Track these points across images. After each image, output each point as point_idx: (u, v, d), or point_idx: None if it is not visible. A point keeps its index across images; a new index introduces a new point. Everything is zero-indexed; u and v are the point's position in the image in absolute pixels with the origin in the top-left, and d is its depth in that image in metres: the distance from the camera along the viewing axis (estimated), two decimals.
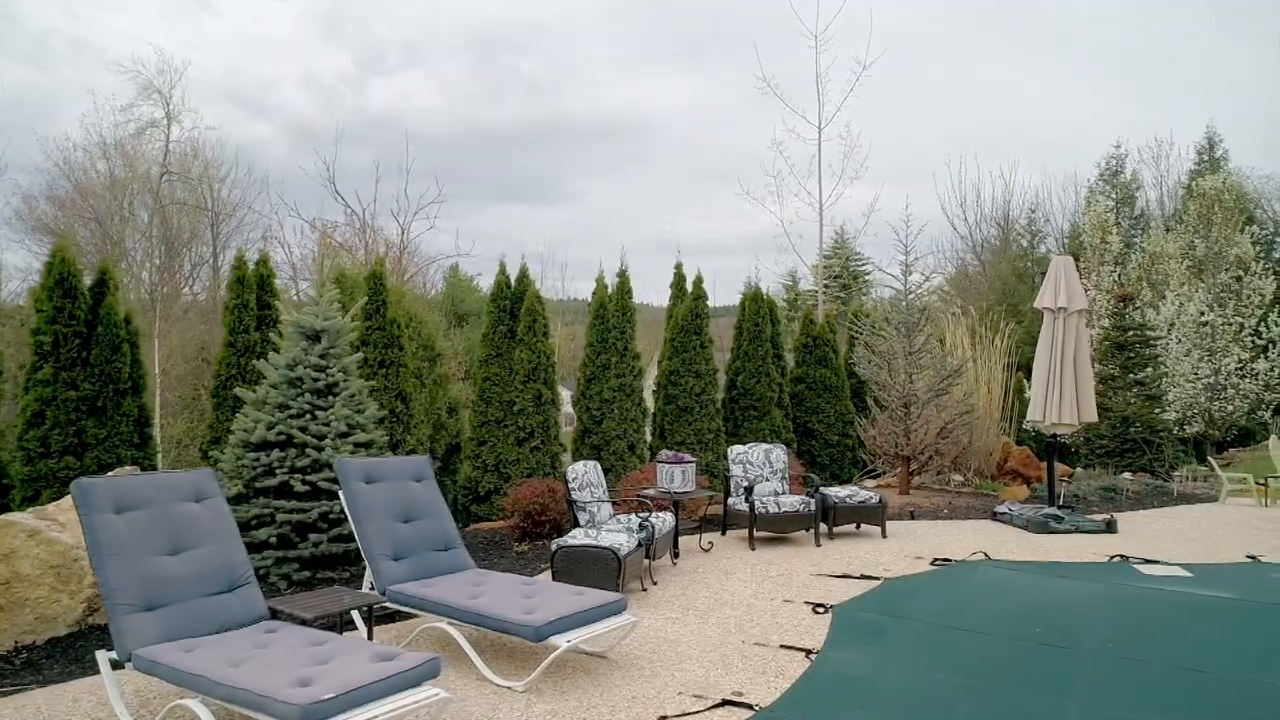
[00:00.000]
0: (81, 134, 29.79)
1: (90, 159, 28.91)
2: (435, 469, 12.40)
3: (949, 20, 57.25)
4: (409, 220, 30.39)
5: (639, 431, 12.17)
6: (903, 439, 11.12)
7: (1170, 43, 58.19)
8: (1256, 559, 7.73)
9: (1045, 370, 9.10)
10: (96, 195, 29.36)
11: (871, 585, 6.69)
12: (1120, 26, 58.60)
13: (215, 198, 33.58)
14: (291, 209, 28.88)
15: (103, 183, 30.24)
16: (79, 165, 27.76)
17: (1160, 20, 57.18)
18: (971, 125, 60.70)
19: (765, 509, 7.97)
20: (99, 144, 28.50)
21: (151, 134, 32.37)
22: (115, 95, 36.40)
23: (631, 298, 12.42)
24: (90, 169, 28.86)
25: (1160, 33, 58.01)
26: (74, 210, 28.90)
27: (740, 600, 6.23)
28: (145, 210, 30.81)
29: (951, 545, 8.26)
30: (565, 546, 6.09)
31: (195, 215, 33.21)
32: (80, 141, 27.66)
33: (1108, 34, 58.16)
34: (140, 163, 31.51)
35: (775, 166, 27.80)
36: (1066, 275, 9.12)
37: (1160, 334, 20.52)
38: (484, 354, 11.42)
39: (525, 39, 48.79)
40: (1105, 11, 58.92)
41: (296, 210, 29.07)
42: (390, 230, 31.01)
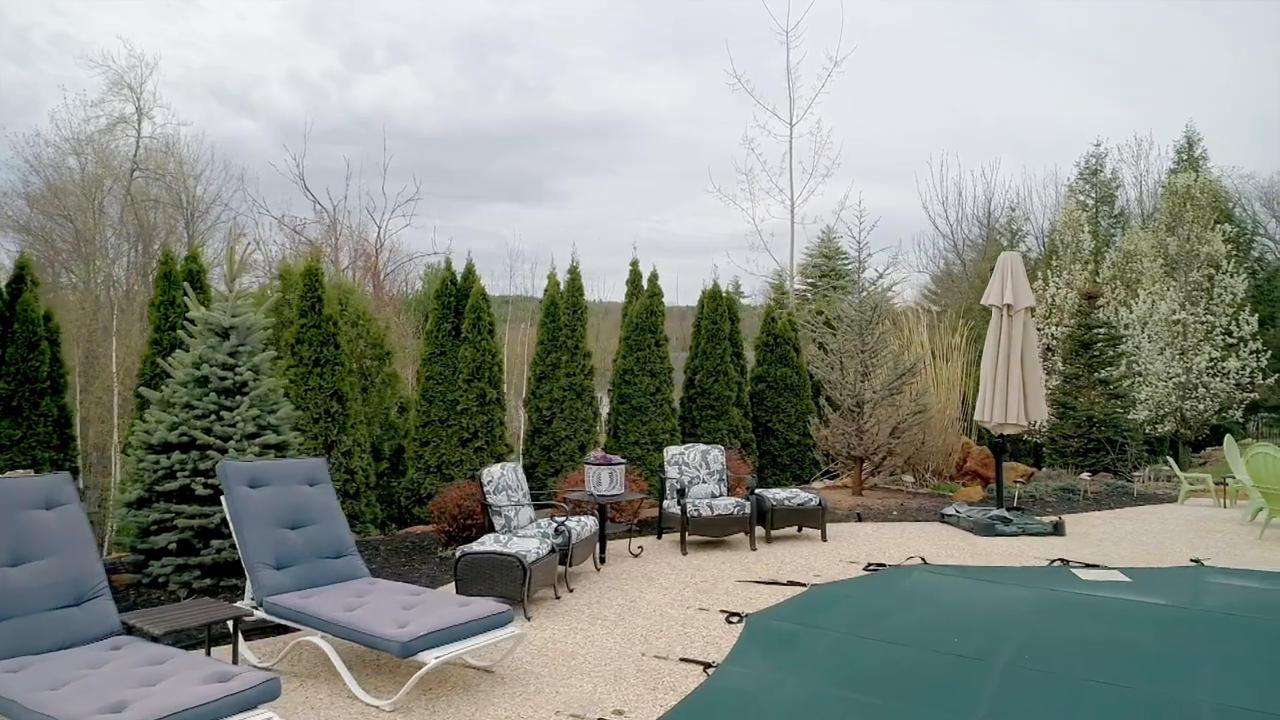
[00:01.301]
0: (52, 129, 29.29)
1: (60, 155, 28.45)
2: (384, 469, 12.17)
3: (933, 17, 57.23)
4: (387, 218, 30.01)
5: (590, 432, 11.91)
6: (855, 439, 10.89)
7: (1156, 41, 58.31)
8: (1200, 563, 7.53)
9: (992, 369, 8.88)
10: (66, 192, 28.91)
11: (797, 592, 6.45)
12: (1105, 24, 58.67)
13: (190, 195, 33.17)
14: (261, 206, 28.42)
15: (74, 179, 29.81)
16: (49, 162, 27.30)
17: (1146, 18, 57.27)
18: (954, 123, 60.65)
19: (698, 512, 7.71)
20: (69, 140, 28.05)
21: (122, 130, 31.95)
22: (86, 90, 35.98)
23: (583, 295, 12.16)
24: (60, 165, 28.41)
25: (1146, 31, 58.10)
26: (44, 207, 28.50)
27: (654, 609, 5.98)
28: (117, 207, 30.39)
29: (891, 549, 8.03)
30: (469, 554, 5.83)
31: (169, 212, 32.80)
32: (51, 138, 27.18)
33: (1093, 32, 58.22)
34: (114, 159, 31.11)
35: (748, 164, 27.52)
36: (1014, 272, 8.90)
37: (1126, 332, 20.39)
38: (427, 352, 11.15)
39: (514, 37, 48.47)
40: (1091, 9, 58.97)
41: (265, 207, 28.58)
42: (368, 228, 30.65)
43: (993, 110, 59.88)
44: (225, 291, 7.39)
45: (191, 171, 34.11)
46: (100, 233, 29.39)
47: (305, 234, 27.63)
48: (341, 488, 9.81)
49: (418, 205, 43.84)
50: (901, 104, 59.35)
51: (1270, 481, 8.64)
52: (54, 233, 28.15)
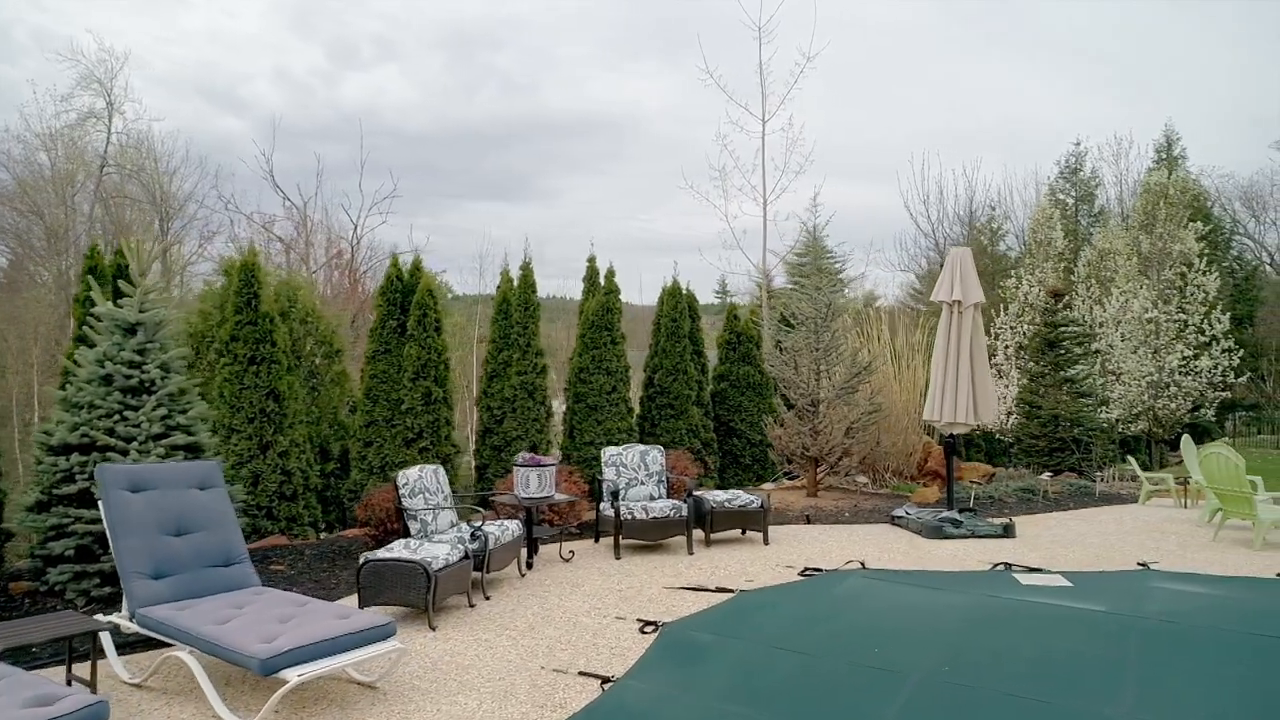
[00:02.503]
0: (21, 125, 28.84)
1: (29, 150, 28.00)
2: (332, 469, 11.86)
3: (924, 17, 57.16)
4: (363, 215, 29.62)
5: (543, 432, 11.64)
6: (810, 439, 10.65)
7: (1145, 41, 58.39)
8: (1147, 566, 7.32)
9: (942, 367, 8.66)
10: (37, 189, 28.47)
11: (724, 598, 6.20)
12: (1094, 23, 58.71)
13: (163, 191, 32.71)
14: (233, 204, 28.00)
15: (45, 175, 29.36)
16: (18, 158, 26.84)
17: (1141, 18, 57.34)
18: (939, 122, 60.64)
19: (632, 515, 7.46)
20: (38, 135, 27.60)
21: (93, 125, 31.47)
22: (56, 85, 35.41)
23: (535, 293, 11.88)
24: (30, 161, 27.96)
25: (1137, 31, 58.17)
26: (14, 204, 28.07)
27: (570, 618, 5.72)
28: (87, 203, 29.94)
29: (834, 552, 7.79)
30: (372, 560, 5.56)
31: (142, 209, 32.35)
32: (19, 132, 26.71)
33: (1081, 31, 58.27)
34: (85, 154, 30.65)
35: (721, 161, 27.27)
36: (964, 268, 8.67)
37: (1099, 330, 20.25)
38: (371, 350, 10.86)
39: (502, 35, 48.15)
40: (1079, 8, 59.02)
41: (236, 204, 28.14)
42: (344, 225, 30.29)
43: (978, 109, 59.87)
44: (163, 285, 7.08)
45: (166, 168, 33.64)
46: (71, 229, 28.94)
47: (274, 231, 27.22)
48: (278, 489, 9.51)
49: (406, 203, 43.44)
50: (889, 102, 59.27)
51: (1224, 482, 8.44)
52: (30, 231, 27.71)
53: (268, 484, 9.41)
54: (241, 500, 7.36)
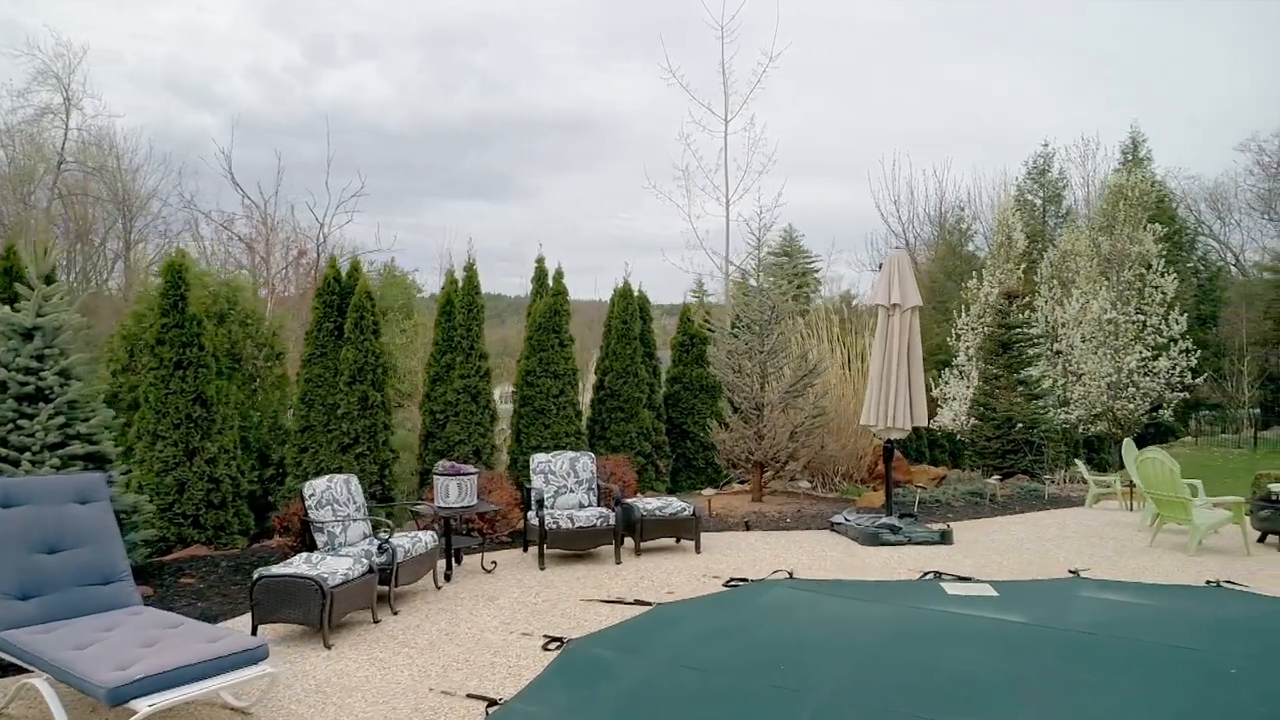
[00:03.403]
0: None
1: None
2: (271, 475, 11.58)
3: (888, 17, 57.30)
4: (330, 214, 29.18)
5: (486, 436, 11.44)
6: (754, 443, 10.51)
7: (1111, 43, 58.89)
8: (1077, 574, 7.23)
9: (879, 372, 8.54)
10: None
11: (639, 611, 6.03)
12: (1060, 22, 59.12)
13: (125, 189, 32.15)
14: (192, 203, 27.53)
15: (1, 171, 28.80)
16: None
17: (1101, 19, 57.79)
18: (908, 122, 60.88)
19: (557, 525, 7.27)
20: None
21: (50, 121, 30.85)
22: (11, 79, 34.77)
23: (479, 295, 11.68)
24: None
25: (1100, 32, 58.65)
26: None
27: (475, 634, 5.53)
28: (45, 199, 29.38)
29: (766, 561, 7.65)
30: (266, 577, 5.34)
31: (103, 206, 31.78)
32: None
33: (1047, 30, 58.67)
34: (46, 150, 30.09)
35: (684, 160, 27.11)
36: (901, 271, 8.56)
37: (1052, 331, 20.29)
38: (307, 353, 10.60)
39: (481, 32, 47.81)
40: (1047, 8, 59.42)
41: (195, 204, 27.67)
42: (310, 224, 29.91)
43: (950, 109, 60.13)
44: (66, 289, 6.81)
45: (129, 165, 33.08)
46: (27, 226, 28.36)
47: (234, 230, 26.77)
48: (205, 497, 9.25)
49: (385, 202, 42.91)
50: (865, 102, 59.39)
51: (1159, 487, 8.39)
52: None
53: (194, 491, 9.15)
54: (149, 511, 7.12)
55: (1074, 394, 20.06)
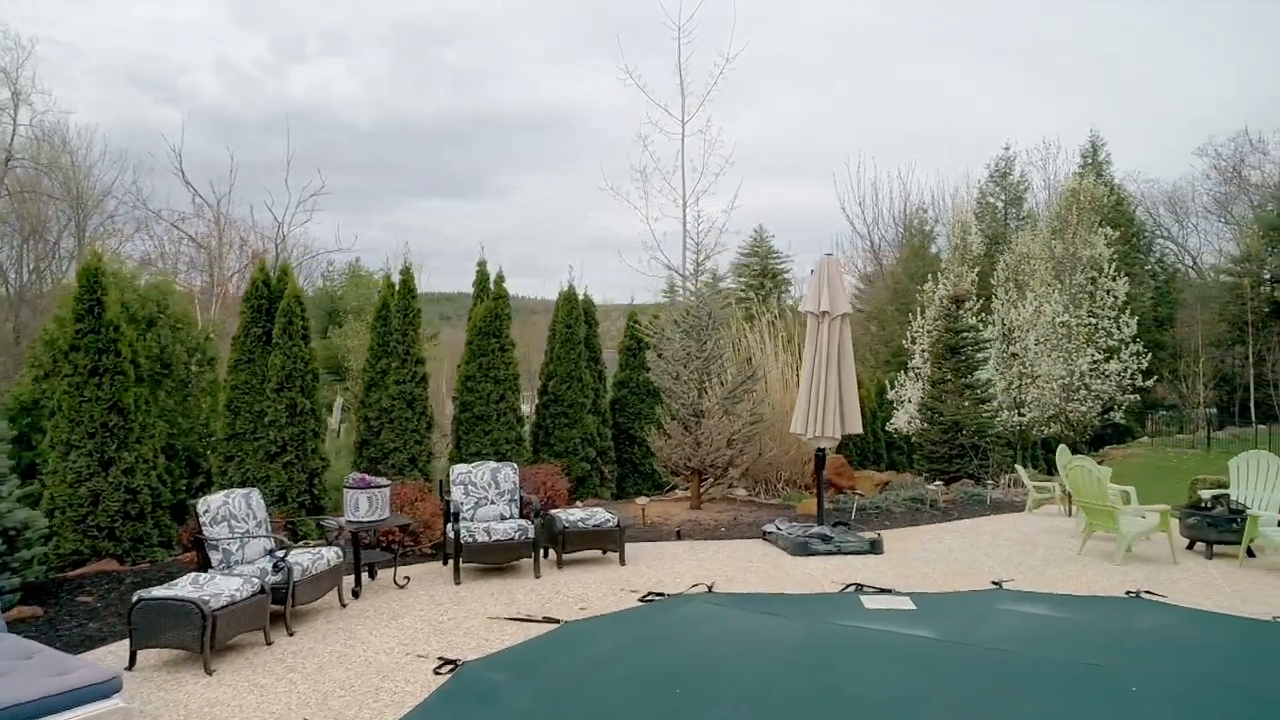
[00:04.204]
0: None
1: None
2: (200, 484, 11.27)
3: (857, 19, 57.57)
4: (290, 212, 28.73)
5: (422, 443, 11.22)
6: (692, 450, 10.39)
7: (1076, 46, 59.57)
8: (1000, 585, 7.17)
9: (809, 379, 8.44)
10: None
11: (547, 630, 5.87)
12: (1030, 26, 59.74)
13: (78, 187, 31.49)
14: (139, 201, 26.98)
15: None
16: None
17: (1068, 22, 58.42)
18: (873, 123, 61.23)
19: (473, 538, 7.09)
20: None
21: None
22: None
23: (416, 299, 11.44)
24: None
25: (1066, 35, 59.29)
26: None
27: (367, 656, 5.34)
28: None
29: (691, 573, 7.51)
30: (145, 600, 5.11)
31: (55, 204, 31.11)
32: None
33: (1014, 35, 59.26)
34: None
35: (641, 162, 26.85)
36: (831, 277, 8.47)
37: (1014, 335, 20.40)
38: (233, 359, 10.32)
39: (452, 30, 47.43)
40: (1013, 11, 60.02)
41: (145, 202, 27.13)
42: (266, 223, 29.44)
43: (917, 111, 60.53)
44: None
45: (83, 162, 32.43)
46: None
47: (185, 229, 26.26)
48: (121, 509, 8.95)
49: (358, 200, 42.20)
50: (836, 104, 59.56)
51: (1088, 495, 8.36)
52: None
53: (109, 503, 8.84)
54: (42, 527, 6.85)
55: (1029, 396, 20.19)
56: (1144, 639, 5.85)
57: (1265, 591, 7.07)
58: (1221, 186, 40.25)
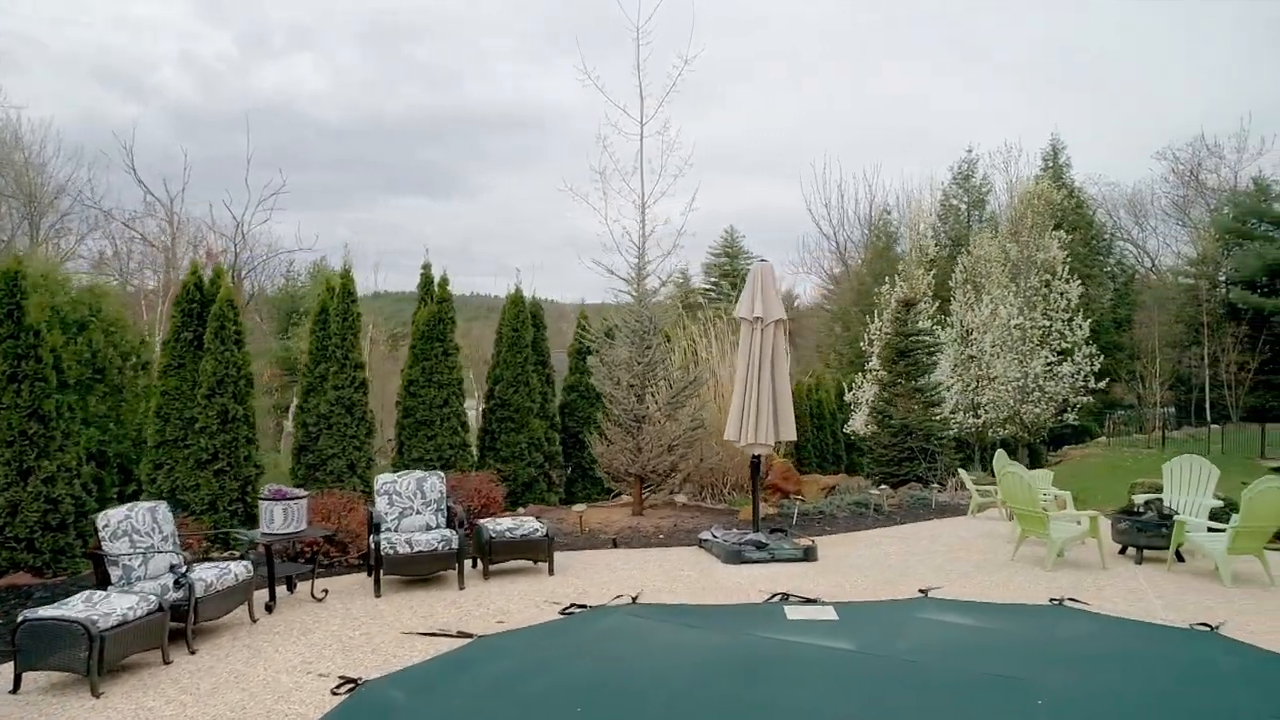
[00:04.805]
0: None
1: None
2: (133, 491, 11.00)
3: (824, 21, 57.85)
4: (250, 211, 28.23)
5: (361, 449, 11.04)
6: (633, 456, 10.31)
7: (1041, 51, 60.31)
8: (927, 593, 7.15)
9: (743, 386, 8.38)
10: None
11: (459, 645, 5.76)
12: (997, 30, 60.35)
13: (31, 184, 30.77)
14: (89, 199, 26.43)
15: None
16: None
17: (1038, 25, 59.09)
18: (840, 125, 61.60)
19: (394, 549, 6.95)
20: None
21: None
22: None
23: (355, 303, 11.26)
24: None
25: (1034, 38, 59.97)
26: None
27: (267, 676, 5.19)
28: None
29: (620, 583, 7.43)
30: (30, 620, 4.93)
31: (7, 202, 30.37)
32: None
33: (980, 37, 59.83)
34: None
35: (601, 163, 26.71)
36: (764, 283, 8.42)
37: (971, 337, 20.54)
38: (164, 364, 10.09)
39: (423, 25, 46.96)
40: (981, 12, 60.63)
41: (97, 202, 26.57)
42: (225, 222, 28.96)
43: (885, 113, 60.98)
44: None
45: (35, 159, 31.71)
46: None
47: (137, 228, 25.75)
48: (41, 519, 8.69)
49: (329, 199, 41.59)
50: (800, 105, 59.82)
51: (1019, 501, 8.38)
52: None
53: (28, 514, 8.59)
54: None
55: (984, 398, 20.34)
56: (1060, 649, 5.85)
57: (1188, 597, 7.11)
58: (1179, 190, 40.93)
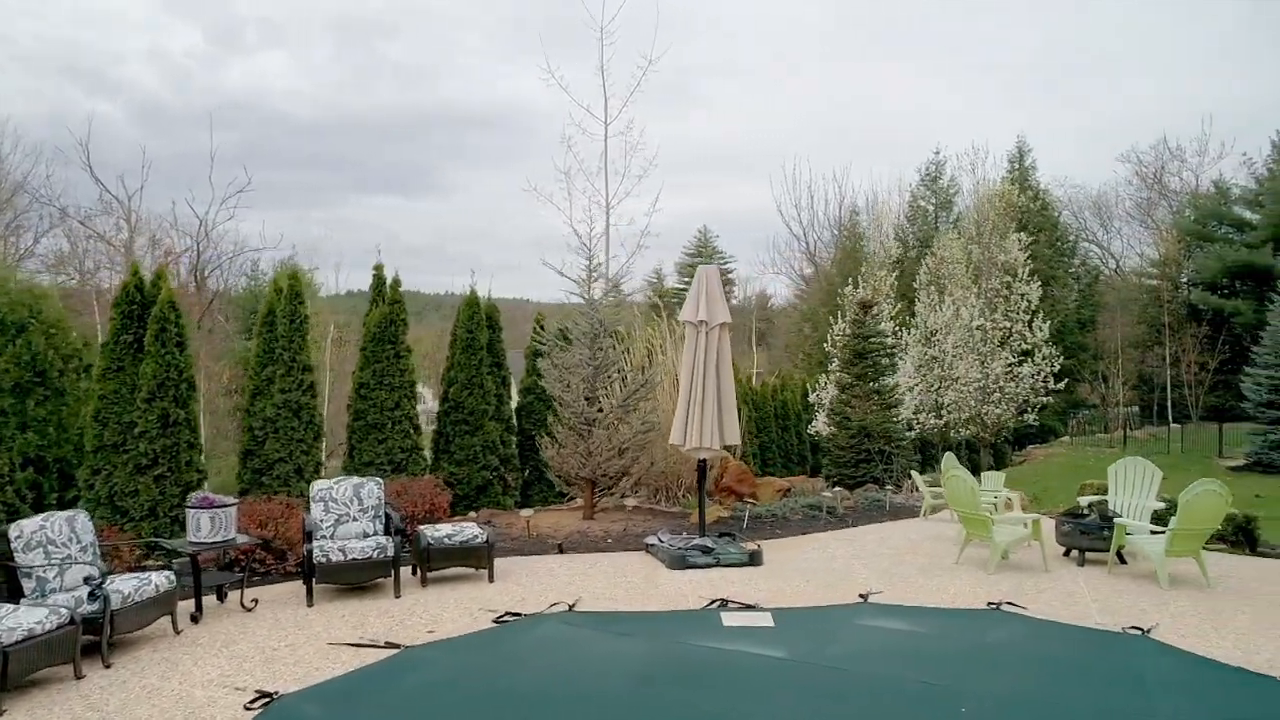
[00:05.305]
0: None
1: None
2: (74, 497, 10.75)
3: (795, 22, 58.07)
4: (214, 209, 27.73)
5: (309, 454, 10.87)
6: (584, 459, 10.23)
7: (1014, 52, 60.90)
8: (866, 598, 7.14)
9: (687, 390, 8.34)
10: None
11: (386, 656, 5.65)
12: (965, 32, 60.92)
13: None
14: (43, 197, 25.87)
15: None
16: None
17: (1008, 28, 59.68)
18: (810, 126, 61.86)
19: (326, 558, 6.83)
20: None
21: None
22: None
23: (304, 304, 11.09)
24: None
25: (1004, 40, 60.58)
26: None
27: (181, 691, 5.05)
28: None
29: (560, 589, 7.35)
30: None
31: None
32: None
33: (949, 38, 60.37)
34: None
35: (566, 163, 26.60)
36: (709, 287, 8.38)
37: (934, 338, 20.67)
38: (102, 367, 9.86)
39: (396, 22, 46.53)
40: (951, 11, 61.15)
41: (54, 199, 26.01)
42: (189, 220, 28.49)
43: (856, 114, 61.34)
44: None
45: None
46: None
47: (94, 226, 25.25)
48: None
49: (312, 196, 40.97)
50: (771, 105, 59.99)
51: (963, 505, 8.41)
52: None
53: None
54: None
55: (947, 398, 20.48)
56: (990, 655, 5.86)
57: (1124, 600, 7.16)
58: (1143, 192, 41.50)
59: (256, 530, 7.84)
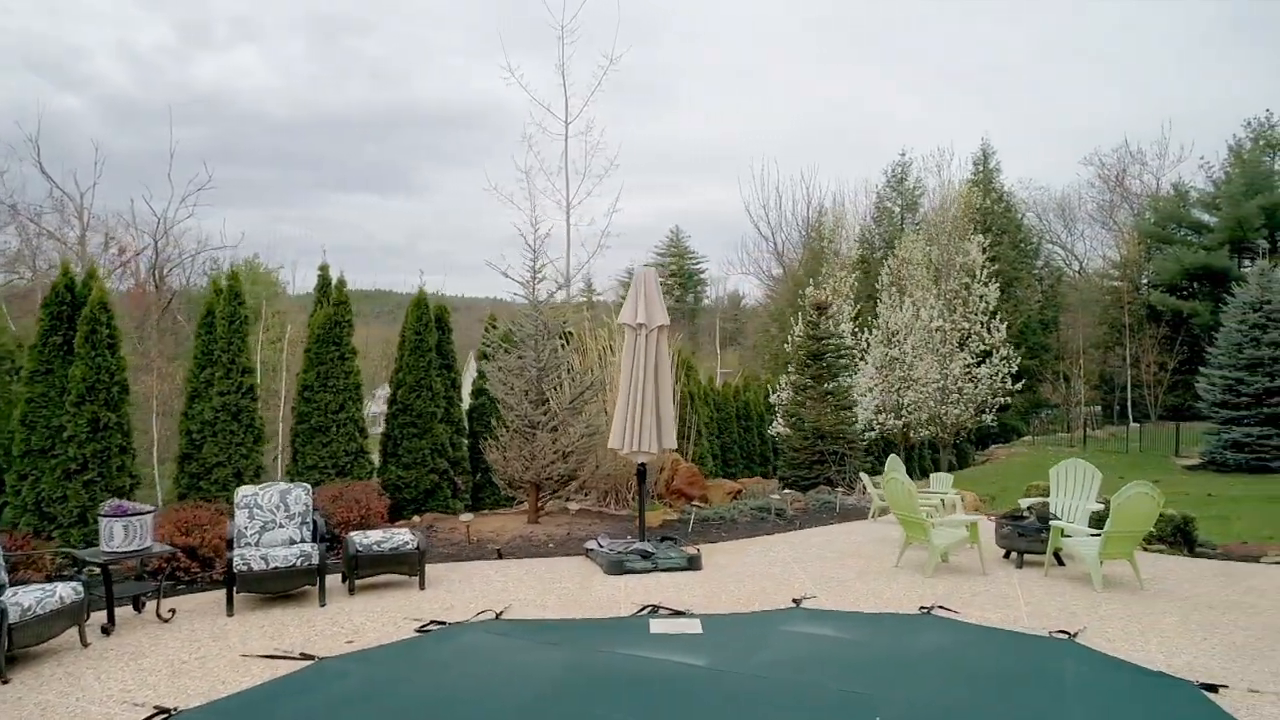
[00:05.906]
0: None
1: None
2: (4, 503, 10.45)
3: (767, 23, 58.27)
4: (173, 207, 27.17)
5: (249, 457, 10.66)
6: (528, 462, 10.11)
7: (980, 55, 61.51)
8: (799, 603, 7.09)
9: (625, 394, 8.25)
10: None
11: (298, 668, 5.51)
12: (933, 35, 61.42)
13: None
14: None
15: None
16: None
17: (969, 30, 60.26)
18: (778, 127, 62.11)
19: (247, 566, 6.66)
20: None
21: None
22: None
23: (244, 305, 10.86)
24: None
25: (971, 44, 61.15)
26: None
27: (78, 708, 4.88)
28: None
29: (493, 596, 7.24)
30: None
31: None
32: None
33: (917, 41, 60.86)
34: None
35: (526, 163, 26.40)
36: (648, 289, 8.30)
37: (895, 338, 20.76)
38: (30, 369, 9.59)
39: (370, 18, 46.02)
40: (919, 16, 61.66)
41: (6, 196, 25.35)
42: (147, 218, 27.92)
43: (823, 116, 61.61)
44: None
45: None
46: None
47: (43, 224, 24.68)
48: None
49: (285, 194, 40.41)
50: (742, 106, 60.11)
51: (901, 507, 8.39)
52: None
53: None
54: None
55: (906, 399, 20.57)
56: (915, 662, 5.82)
57: (1055, 603, 7.17)
58: (1105, 194, 42.06)
59: (181, 538, 7.66)
